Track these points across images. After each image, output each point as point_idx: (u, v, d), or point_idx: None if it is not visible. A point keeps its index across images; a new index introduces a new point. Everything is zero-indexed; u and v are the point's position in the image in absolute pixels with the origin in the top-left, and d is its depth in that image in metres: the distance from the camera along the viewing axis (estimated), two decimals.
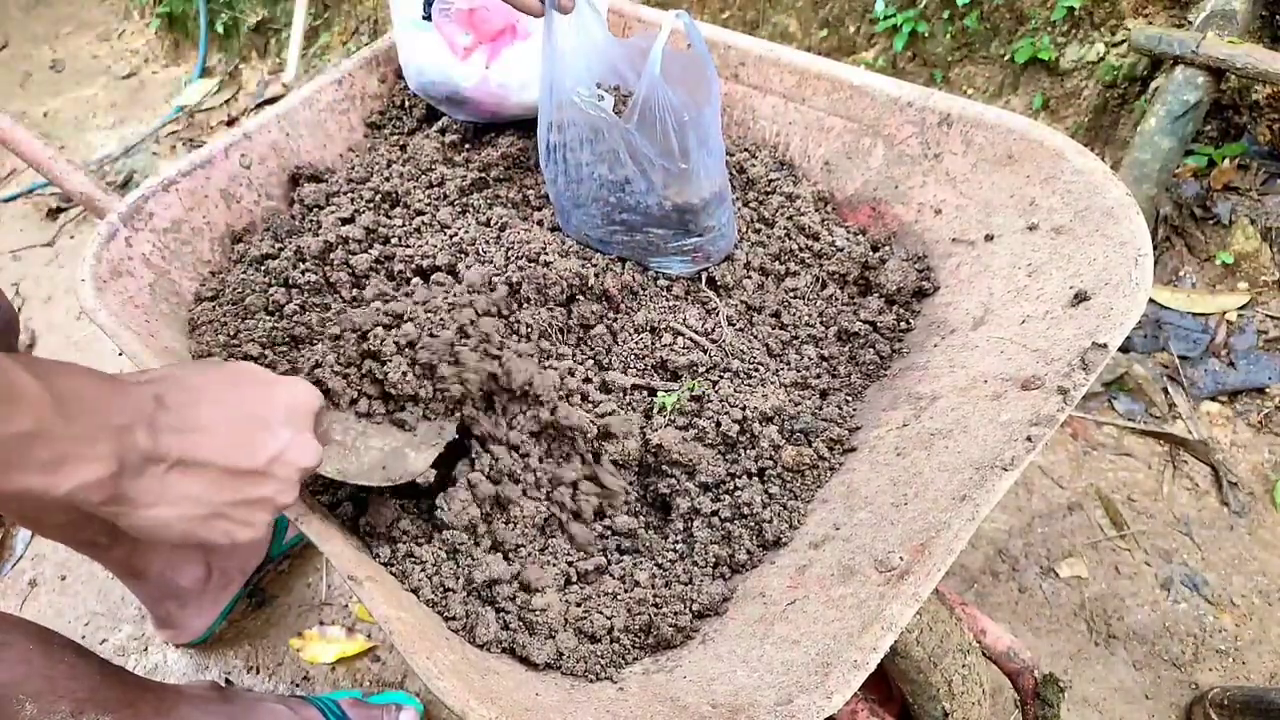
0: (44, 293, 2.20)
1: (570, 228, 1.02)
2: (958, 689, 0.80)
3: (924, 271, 1.02)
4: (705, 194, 0.93)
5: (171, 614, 1.34)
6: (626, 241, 0.98)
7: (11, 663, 0.81)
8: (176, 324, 1.04)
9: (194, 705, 1.04)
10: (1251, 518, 1.46)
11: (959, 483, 0.71)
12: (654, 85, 0.84)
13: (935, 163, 1.01)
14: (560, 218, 1.03)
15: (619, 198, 0.94)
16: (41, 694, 0.81)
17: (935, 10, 1.98)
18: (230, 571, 1.39)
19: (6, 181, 2.57)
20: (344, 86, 1.26)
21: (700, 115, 0.88)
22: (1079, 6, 1.79)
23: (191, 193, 1.11)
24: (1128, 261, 0.80)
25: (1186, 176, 1.76)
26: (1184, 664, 1.31)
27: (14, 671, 0.80)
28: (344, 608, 1.46)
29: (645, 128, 0.87)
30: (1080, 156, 0.89)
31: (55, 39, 3.21)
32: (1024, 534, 1.46)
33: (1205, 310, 1.69)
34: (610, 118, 0.87)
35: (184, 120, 2.71)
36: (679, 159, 0.88)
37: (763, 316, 1.01)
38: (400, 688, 1.35)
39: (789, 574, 0.77)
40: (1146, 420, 1.59)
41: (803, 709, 0.59)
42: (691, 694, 0.68)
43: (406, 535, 0.81)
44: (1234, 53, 1.58)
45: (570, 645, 0.76)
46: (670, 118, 0.86)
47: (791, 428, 0.90)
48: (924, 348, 0.95)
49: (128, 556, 1.25)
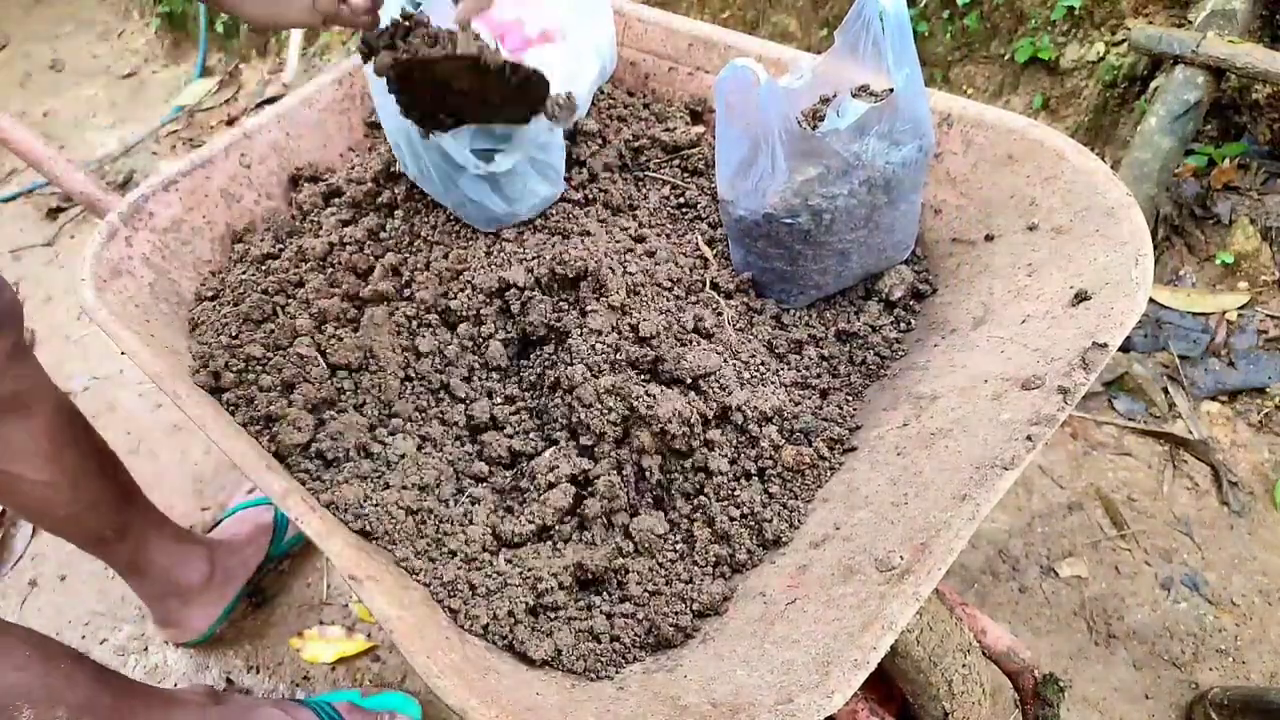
0: (44, 293, 2.20)
1: (801, 299, 1.02)
2: (958, 689, 0.80)
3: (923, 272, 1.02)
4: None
5: (173, 612, 1.34)
6: (862, 263, 0.98)
7: (10, 669, 0.82)
8: (176, 323, 1.04)
9: (187, 711, 1.04)
10: (1251, 518, 1.46)
11: (959, 482, 0.71)
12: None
13: (935, 163, 1.01)
14: (786, 299, 1.03)
15: (875, 220, 0.93)
16: (39, 701, 0.82)
17: (935, 10, 1.97)
18: (232, 569, 1.39)
19: (6, 181, 2.57)
20: (344, 86, 1.26)
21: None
22: (1079, 6, 1.79)
23: (191, 192, 1.11)
24: (1128, 261, 0.80)
25: (1186, 176, 1.76)
26: (1184, 664, 1.31)
27: (13, 678, 0.81)
28: (344, 608, 1.46)
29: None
30: (1080, 156, 0.89)
31: (55, 38, 3.21)
32: (1024, 534, 1.46)
33: (1205, 310, 1.69)
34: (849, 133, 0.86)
35: (184, 120, 2.71)
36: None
37: (763, 318, 1.01)
38: (400, 687, 1.35)
39: (789, 573, 0.77)
40: (1146, 420, 1.59)
41: (803, 708, 0.59)
42: (692, 693, 0.68)
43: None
44: (1234, 52, 1.58)
45: (569, 643, 0.76)
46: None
47: (792, 427, 0.90)
48: (924, 347, 0.95)
49: (132, 553, 1.25)
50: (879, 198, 0.90)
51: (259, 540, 1.44)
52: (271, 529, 1.46)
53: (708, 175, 1.13)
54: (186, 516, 1.62)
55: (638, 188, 1.14)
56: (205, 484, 1.69)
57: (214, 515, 1.60)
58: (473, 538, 0.84)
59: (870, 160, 0.87)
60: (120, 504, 1.21)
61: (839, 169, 0.87)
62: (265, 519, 1.47)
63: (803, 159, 0.87)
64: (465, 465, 0.93)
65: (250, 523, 1.46)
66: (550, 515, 0.86)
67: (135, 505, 1.26)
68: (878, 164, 0.88)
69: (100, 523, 1.18)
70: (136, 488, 1.27)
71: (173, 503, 1.64)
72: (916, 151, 0.89)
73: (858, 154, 0.87)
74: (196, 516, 1.63)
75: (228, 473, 1.69)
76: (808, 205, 0.90)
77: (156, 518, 1.30)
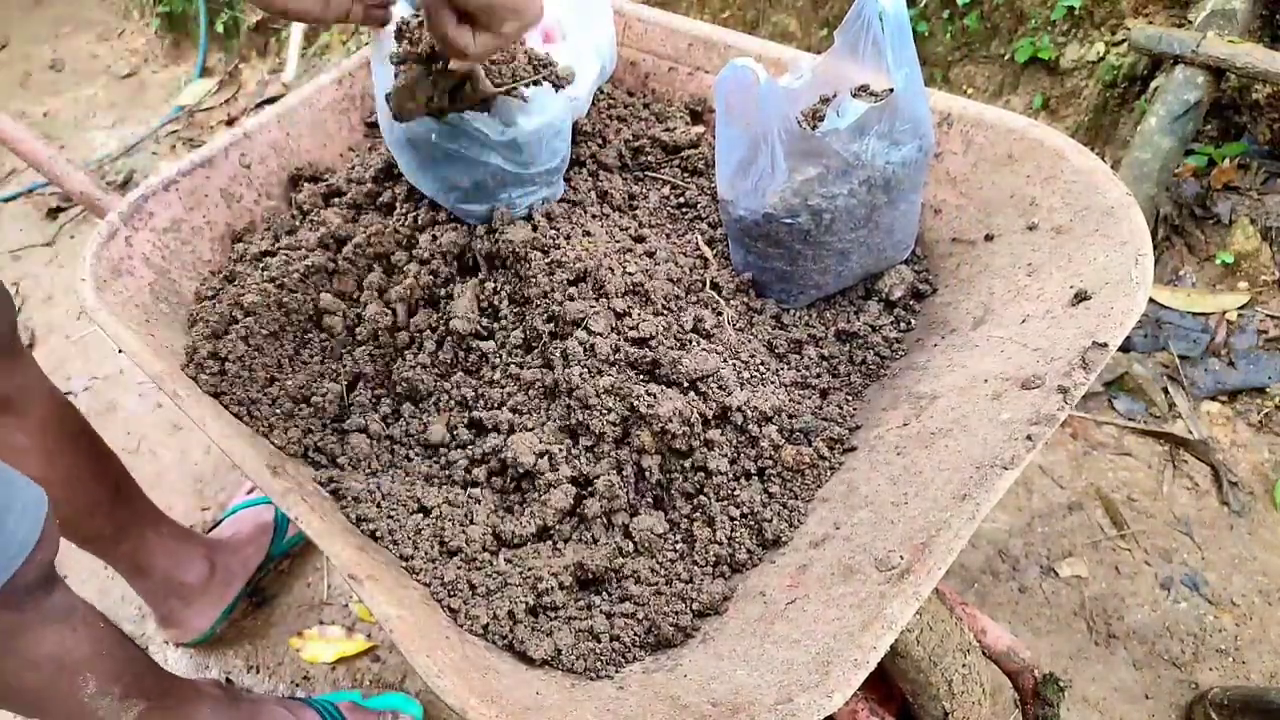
0: (44, 292, 2.20)
1: (801, 299, 1.02)
2: (958, 689, 0.80)
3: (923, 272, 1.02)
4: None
5: (175, 612, 1.34)
6: (862, 263, 0.98)
7: (90, 640, 0.87)
8: (176, 323, 1.04)
9: (207, 703, 1.07)
10: (1251, 518, 1.46)
11: (959, 481, 0.71)
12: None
13: (935, 163, 1.01)
14: (788, 299, 1.03)
15: (874, 220, 0.93)
16: (103, 674, 0.87)
17: (935, 10, 1.98)
18: (233, 568, 1.39)
19: (6, 181, 2.57)
20: (344, 86, 1.26)
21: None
22: (1079, 6, 1.79)
23: (191, 192, 1.11)
24: (1128, 261, 0.80)
25: (1186, 176, 1.76)
26: (1184, 664, 1.31)
27: (87, 649, 0.86)
28: (344, 608, 1.46)
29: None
30: (1080, 156, 0.89)
31: (55, 39, 3.21)
32: (1024, 534, 1.46)
33: (1205, 310, 1.69)
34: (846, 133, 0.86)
35: (184, 120, 2.71)
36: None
37: (763, 317, 1.01)
38: (400, 687, 1.35)
39: (789, 573, 0.77)
40: (1146, 420, 1.59)
41: (803, 708, 0.59)
42: (692, 693, 0.68)
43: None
44: (1234, 52, 1.58)
45: (569, 643, 0.76)
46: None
47: (792, 427, 0.90)
48: (924, 347, 0.95)
49: (132, 553, 1.25)
50: (879, 198, 0.90)
51: (259, 540, 1.44)
52: (271, 529, 1.46)
53: (708, 175, 1.13)
54: (186, 516, 1.62)
55: (638, 188, 1.14)
56: (205, 484, 1.69)
57: (214, 515, 1.60)
58: (473, 537, 0.84)
59: (870, 160, 0.87)
60: (118, 504, 1.21)
61: (839, 169, 0.87)
62: (265, 519, 1.47)
63: (802, 159, 0.87)
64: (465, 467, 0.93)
65: (250, 523, 1.46)
66: (550, 515, 0.86)
67: (134, 505, 1.26)
68: (878, 164, 0.88)
69: (98, 523, 1.18)
70: (135, 488, 1.27)
71: (173, 503, 1.64)
72: (916, 151, 0.89)
73: (857, 154, 0.87)
74: (196, 516, 1.63)
75: (228, 473, 1.69)
76: (807, 205, 0.90)
77: (155, 517, 1.30)
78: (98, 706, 0.87)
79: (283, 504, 0.78)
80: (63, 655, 0.83)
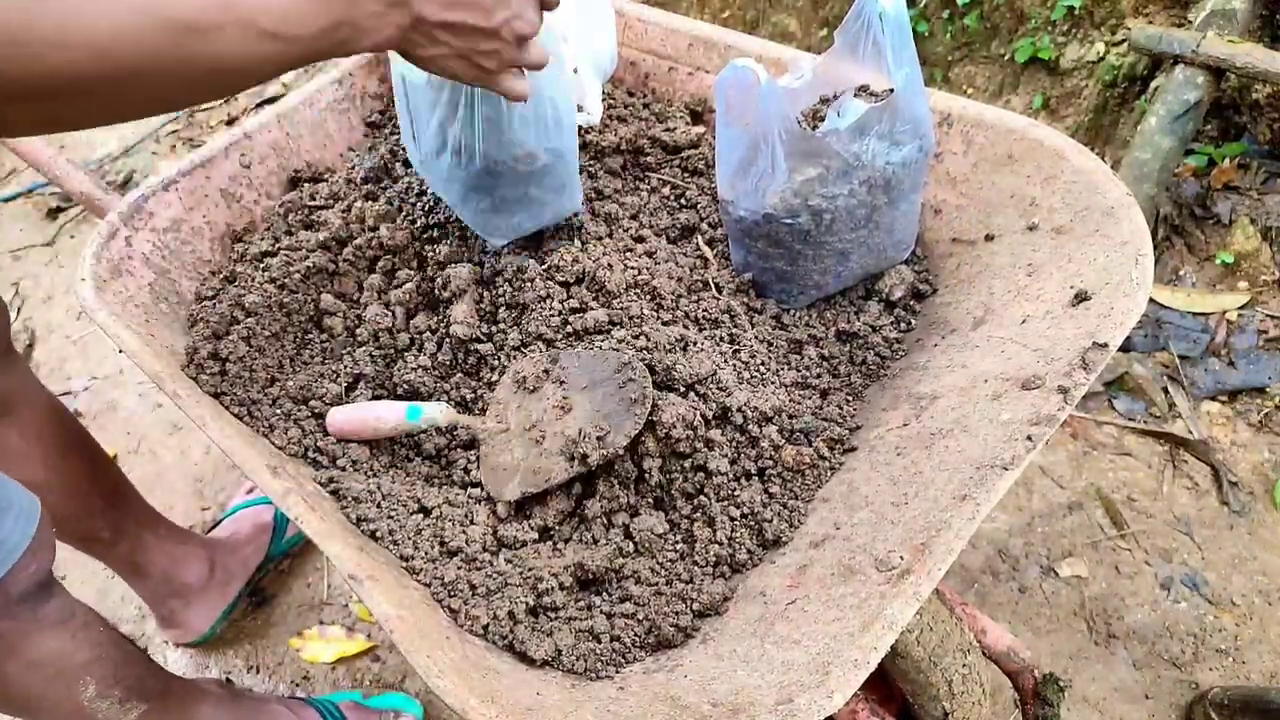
0: (44, 292, 2.20)
1: (801, 299, 1.02)
2: (958, 689, 0.80)
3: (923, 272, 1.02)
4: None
5: (175, 612, 1.34)
6: (862, 263, 0.98)
7: (89, 644, 0.87)
8: (176, 323, 1.04)
9: (208, 702, 1.08)
10: (1251, 518, 1.46)
11: (959, 482, 0.71)
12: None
13: (935, 163, 1.01)
14: (788, 300, 1.03)
15: (875, 220, 0.93)
16: (104, 677, 0.88)
17: (935, 10, 1.98)
18: (232, 569, 1.39)
19: (6, 181, 2.57)
20: (344, 86, 1.26)
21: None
22: (1079, 6, 1.79)
23: (191, 192, 1.11)
24: (1128, 261, 0.80)
25: (1186, 176, 1.76)
26: (1184, 664, 1.31)
27: (87, 654, 0.87)
28: (344, 608, 1.46)
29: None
30: (1080, 156, 0.89)
31: None
32: (1024, 534, 1.46)
33: (1205, 310, 1.69)
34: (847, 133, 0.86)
35: (184, 120, 2.71)
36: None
37: (763, 317, 1.01)
38: (400, 688, 1.35)
39: (789, 573, 0.77)
40: (1146, 420, 1.59)
41: (803, 708, 0.59)
42: (692, 693, 0.68)
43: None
44: (1234, 52, 1.58)
45: (569, 643, 0.76)
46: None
47: (792, 427, 0.90)
48: (924, 347, 0.95)
49: (131, 553, 1.25)
50: (879, 198, 0.90)
51: (259, 540, 1.44)
52: (271, 529, 1.46)
53: (708, 175, 1.13)
54: (186, 517, 1.62)
55: (638, 188, 1.14)
56: (205, 484, 1.69)
57: (214, 515, 1.60)
58: (473, 538, 0.84)
59: (870, 160, 0.87)
60: (114, 506, 1.21)
61: (839, 169, 0.87)
62: (265, 519, 1.47)
63: (803, 159, 0.87)
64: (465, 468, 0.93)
65: (250, 522, 1.46)
66: (551, 516, 0.86)
67: (130, 506, 1.26)
68: (878, 164, 0.88)
69: (95, 525, 1.18)
70: (131, 489, 1.27)
71: (173, 503, 1.64)
72: (916, 151, 0.89)
73: (858, 154, 0.87)
74: (196, 516, 1.63)
75: (228, 473, 1.69)
76: (808, 205, 0.90)
77: (153, 519, 1.30)
78: (98, 710, 0.88)
79: (283, 504, 0.78)
80: (62, 660, 0.84)
